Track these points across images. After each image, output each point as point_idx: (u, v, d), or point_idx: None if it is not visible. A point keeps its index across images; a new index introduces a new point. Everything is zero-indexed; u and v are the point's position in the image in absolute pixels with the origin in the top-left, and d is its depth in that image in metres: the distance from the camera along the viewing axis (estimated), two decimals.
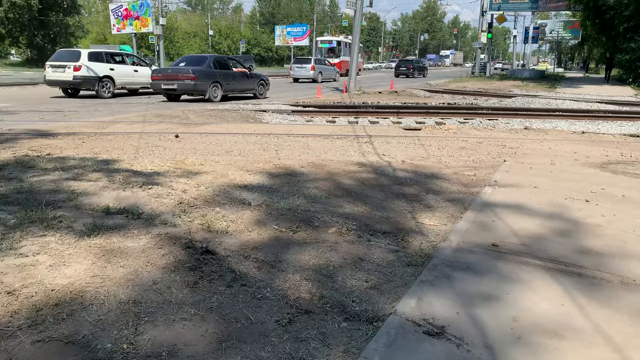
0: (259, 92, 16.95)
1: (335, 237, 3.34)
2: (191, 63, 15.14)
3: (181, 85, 14.28)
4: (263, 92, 17.15)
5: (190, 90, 14.53)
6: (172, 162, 5.58)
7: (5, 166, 5.13)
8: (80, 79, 15.45)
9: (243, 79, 16.38)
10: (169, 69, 15.37)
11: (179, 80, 14.20)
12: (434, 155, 6.73)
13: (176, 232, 3.26)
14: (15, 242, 2.89)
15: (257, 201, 4.05)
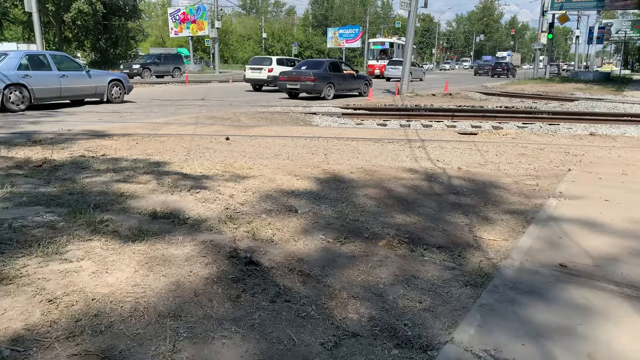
0: (363, 91, 19.19)
1: (386, 251, 3.14)
2: (311, 67, 17.75)
3: (303, 86, 16.80)
4: (367, 91, 19.11)
5: (310, 89, 16.85)
6: (221, 165, 5.54)
7: (61, 166, 5.24)
8: (271, 78, 20.36)
9: (351, 80, 18.69)
10: (294, 72, 17.96)
11: (302, 82, 16.77)
12: (491, 162, 6.38)
13: (221, 240, 3.16)
14: (61, 246, 2.87)
15: (304, 208, 3.90)
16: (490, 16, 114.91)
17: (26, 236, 2.98)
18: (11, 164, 5.32)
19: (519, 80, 34.86)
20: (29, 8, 28.05)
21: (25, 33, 50.41)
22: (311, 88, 16.70)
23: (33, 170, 5.06)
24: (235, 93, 19.77)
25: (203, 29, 48.25)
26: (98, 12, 44.98)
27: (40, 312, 2.17)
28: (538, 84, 29.75)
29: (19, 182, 4.46)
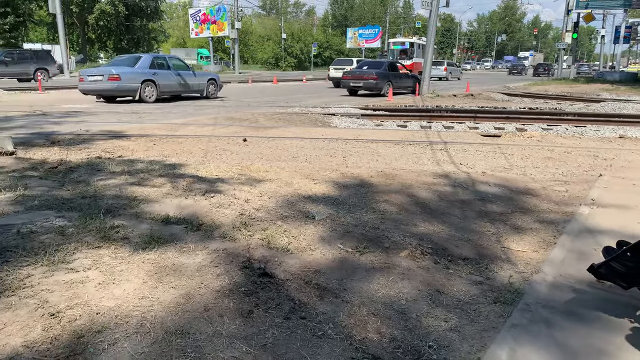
0: (413, 89, 20.46)
1: (408, 262, 2.96)
2: (372, 66, 19.63)
3: (365, 84, 18.55)
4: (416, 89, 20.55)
5: (371, 87, 18.56)
6: (237, 168, 5.42)
7: (76, 168, 5.18)
8: None
9: (405, 78, 20.55)
10: (357, 71, 19.68)
11: (364, 80, 18.60)
12: (517, 166, 6.13)
13: (234, 248, 3.02)
14: (68, 254, 2.76)
15: (321, 215, 3.74)
16: (513, 16, 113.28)
17: (33, 243, 2.88)
18: (27, 165, 5.28)
19: (542, 80, 34.17)
20: (53, 9, 28.51)
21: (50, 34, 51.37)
22: (373, 86, 18.51)
23: (48, 172, 5.00)
24: (255, 93, 19.72)
25: (223, 30, 48.46)
26: (120, 13, 45.61)
27: (42, 328, 2.05)
28: (562, 84, 29.10)
29: (33, 185, 4.39)
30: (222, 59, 63.00)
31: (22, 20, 34.53)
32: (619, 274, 2.36)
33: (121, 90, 14.19)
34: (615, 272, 2.38)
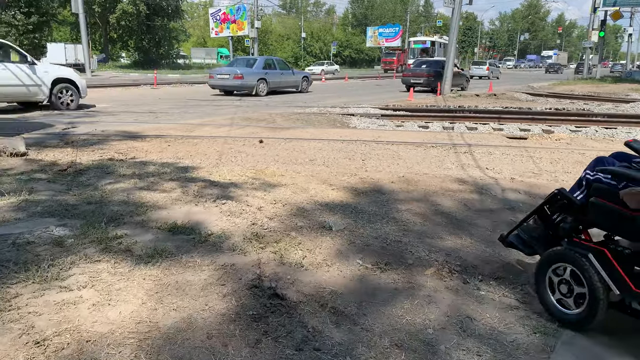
0: (464, 86, 22.54)
1: (435, 282, 2.68)
2: (430, 65, 21.74)
3: (425, 81, 20.60)
4: (467, 86, 22.85)
5: (429, 84, 20.31)
6: (251, 172, 5.19)
7: (86, 171, 5.01)
8: None
9: (458, 77, 21.83)
10: (417, 70, 21.91)
11: (424, 77, 20.76)
12: (547, 171, 5.78)
13: (243, 264, 2.77)
14: (64, 269, 2.55)
15: (339, 225, 3.48)
16: (536, 14, 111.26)
17: (28, 256, 2.68)
18: (36, 167, 5.13)
19: (568, 80, 33.32)
20: (76, 9, 28.75)
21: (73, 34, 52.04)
22: (430, 83, 20.38)
23: (57, 174, 4.83)
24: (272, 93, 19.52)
25: (243, 29, 48.46)
26: (141, 13, 45.91)
27: (24, 358, 1.83)
28: (588, 84, 28.30)
29: (39, 188, 4.22)
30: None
31: (46, 20, 34.95)
32: (522, 242, 2.65)
33: (243, 86, 17.36)
34: (520, 239, 2.67)
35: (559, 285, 2.32)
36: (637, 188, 2.01)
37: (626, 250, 2.13)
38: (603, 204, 2.17)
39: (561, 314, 2.29)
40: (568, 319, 2.25)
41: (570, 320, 2.23)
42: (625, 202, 2.04)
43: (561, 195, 2.40)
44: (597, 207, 2.19)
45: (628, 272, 2.05)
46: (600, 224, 2.26)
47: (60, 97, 11.43)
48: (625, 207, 2.04)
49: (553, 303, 2.33)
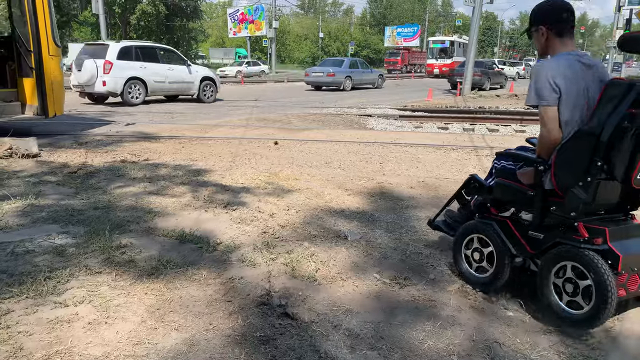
0: (503, 84, 24.53)
1: (458, 300, 2.47)
2: (477, 66, 22.59)
3: (474, 80, 20.98)
4: (505, 84, 24.73)
5: (476, 82, 21.29)
6: (265, 175, 5.02)
7: (96, 173, 4.90)
8: None
9: (499, 75, 24.63)
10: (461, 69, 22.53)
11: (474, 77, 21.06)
12: None
13: (252, 277, 2.60)
14: (61, 282, 2.40)
15: (354, 235, 3.29)
16: None
17: (25, 267, 2.54)
18: (47, 169, 5.04)
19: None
20: (96, 10, 29.03)
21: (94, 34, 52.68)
22: (477, 81, 21.54)
23: (67, 177, 4.73)
24: (290, 93, 19.39)
25: (261, 29, 48.54)
26: (161, 14, 46.23)
27: None
28: None
29: (47, 192, 4.11)
30: (259, 59, 63.23)
31: (66, 20, 35.40)
32: (447, 225, 3.01)
33: (333, 83, 20.66)
34: (445, 223, 3.04)
35: (473, 254, 2.67)
36: (528, 168, 2.42)
37: (524, 220, 2.54)
38: (504, 183, 2.58)
39: (474, 279, 2.64)
40: (481, 282, 2.61)
41: (482, 283, 2.61)
42: (520, 180, 2.46)
43: (474, 180, 2.84)
44: (500, 186, 2.61)
45: (525, 237, 2.44)
46: (504, 199, 2.66)
47: (204, 92, 14.13)
48: (521, 184, 2.45)
49: (469, 271, 2.68)
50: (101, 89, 12.06)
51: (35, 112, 7.33)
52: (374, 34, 73.22)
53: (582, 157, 2.14)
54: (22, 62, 7.49)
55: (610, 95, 2.11)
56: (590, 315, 2.10)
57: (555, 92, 2.17)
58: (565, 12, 2.29)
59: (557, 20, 2.29)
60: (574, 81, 2.18)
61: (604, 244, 2.15)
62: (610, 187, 2.22)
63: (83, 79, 11.98)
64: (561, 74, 2.17)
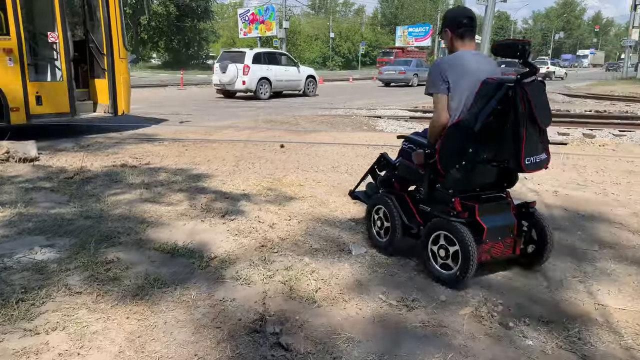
0: None
1: (472, 326, 2.23)
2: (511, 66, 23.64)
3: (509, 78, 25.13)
4: None
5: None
6: (268, 181, 4.81)
7: (93, 179, 4.72)
8: None
9: None
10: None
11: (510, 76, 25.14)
12: (593, 183, 5.23)
13: (246, 298, 2.38)
14: (36, 304, 2.20)
15: (359, 249, 3.06)
16: (572, 12, 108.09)
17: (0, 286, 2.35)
18: (43, 174, 4.87)
19: (607, 80, 32.00)
20: None
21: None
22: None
23: (62, 182, 4.56)
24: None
25: (271, 30, 48.32)
26: (171, 14, 46.32)
27: None
28: (629, 84, 27.03)
29: (39, 199, 3.94)
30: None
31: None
32: (365, 195, 3.43)
33: (404, 79, 23.84)
34: (363, 194, 3.47)
35: (377, 221, 3.10)
36: (420, 150, 2.82)
37: (418, 195, 2.96)
38: (404, 162, 3.03)
39: (378, 242, 3.10)
40: (381, 245, 3.07)
41: (381, 246, 3.06)
42: (414, 160, 2.86)
43: (383, 158, 3.35)
44: (402, 165, 3.07)
45: (417, 210, 2.90)
46: (404, 176, 3.09)
47: (308, 87, 17.53)
48: (414, 163, 2.87)
49: (374, 236, 3.14)
50: (241, 87, 15.32)
51: (106, 110, 8.06)
52: (385, 34, 72.79)
53: (459, 144, 2.52)
54: (94, 64, 8.26)
55: (483, 92, 2.47)
56: (457, 275, 2.53)
57: (446, 83, 2.57)
58: (465, 18, 2.70)
59: (458, 25, 2.70)
60: (462, 76, 2.55)
61: (472, 217, 2.58)
62: (485, 169, 2.63)
63: (226, 80, 15.23)
64: (451, 70, 2.58)
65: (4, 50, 6.59)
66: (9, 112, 6.73)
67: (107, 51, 7.81)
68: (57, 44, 7.34)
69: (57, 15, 7.19)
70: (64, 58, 7.36)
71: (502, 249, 2.67)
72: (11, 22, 6.55)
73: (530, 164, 2.44)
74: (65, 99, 7.38)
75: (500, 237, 2.64)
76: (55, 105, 7.29)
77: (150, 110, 11.86)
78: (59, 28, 7.24)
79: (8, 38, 6.57)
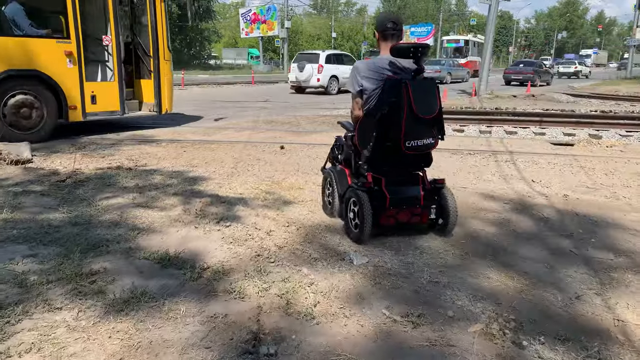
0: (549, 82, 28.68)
1: (483, 344, 2.06)
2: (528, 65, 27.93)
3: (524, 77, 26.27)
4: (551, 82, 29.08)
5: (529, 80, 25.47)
6: (267, 184, 4.65)
7: (86, 182, 4.56)
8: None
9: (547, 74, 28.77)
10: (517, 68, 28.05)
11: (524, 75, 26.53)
12: (603, 186, 5.05)
13: (239, 314, 2.22)
14: (11, 322, 2.04)
15: (361, 259, 2.88)
16: (575, 12, 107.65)
17: None
18: (34, 177, 4.71)
19: (611, 80, 31.75)
20: None
21: None
22: (530, 78, 25.83)
23: (53, 186, 4.40)
24: (301, 94, 19.02)
25: (273, 29, 48.20)
26: (173, 14, 46.15)
27: None
28: (634, 84, 26.78)
29: (27, 204, 3.78)
30: (271, 59, 62.92)
31: None
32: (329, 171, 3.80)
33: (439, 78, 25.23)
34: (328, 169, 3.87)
35: (326, 190, 3.74)
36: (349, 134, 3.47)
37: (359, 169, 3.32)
38: (342, 143, 3.71)
39: (325, 206, 3.76)
40: (327, 209, 3.72)
41: (327, 209, 3.71)
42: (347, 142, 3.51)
43: (338, 140, 3.85)
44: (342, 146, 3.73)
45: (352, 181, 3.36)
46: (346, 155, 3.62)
47: None
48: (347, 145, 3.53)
49: (324, 201, 3.78)
50: (315, 83, 18.20)
51: (151, 109, 8.62)
52: None
53: (367, 130, 3.14)
54: (139, 65, 8.80)
55: (385, 88, 3.06)
56: (360, 231, 3.08)
57: (359, 85, 3.19)
58: (389, 22, 3.19)
59: (383, 28, 3.20)
60: (373, 78, 3.14)
61: (377, 187, 3.15)
62: (390, 149, 3.07)
63: (303, 77, 18.24)
64: (364, 74, 3.17)
65: (65, 52, 7.07)
66: (67, 110, 7.20)
67: (154, 53, 8.31)
68: (110, 47, 7.86)
69: (111, 20, 7.69)
70: (116, 60, 7.82)
71: (409, 217, 3.18)
72: (71, 26, 7.04)
73: (411, 146, 2.97)
74: (116, 98, 7.84)
75: (405, 206, 3.15)
76: (108, 104, 7.78)
77: None
78: (112, 32, 7.74)
79: (69, 41, 7.06)
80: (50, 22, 7.27)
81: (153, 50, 8.32)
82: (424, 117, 2.94)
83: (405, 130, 2.91)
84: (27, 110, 6.85)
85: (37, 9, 7.16)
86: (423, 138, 3.00)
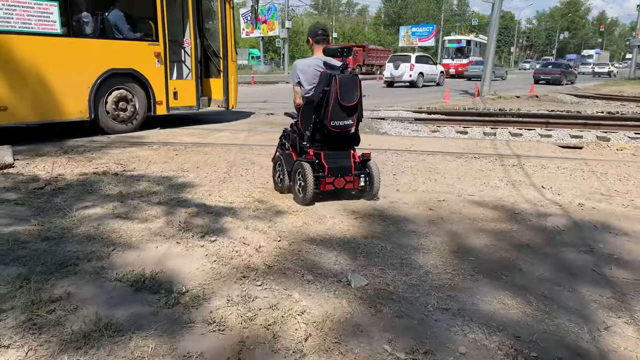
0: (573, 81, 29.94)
1: None
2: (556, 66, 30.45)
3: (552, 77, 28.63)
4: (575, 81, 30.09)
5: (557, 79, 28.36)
6: (260, 191, 4.34)
7: (66, 189, 4.26)
8: None
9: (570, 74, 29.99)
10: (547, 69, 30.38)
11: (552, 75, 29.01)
12: (617, 192, 4.73)
13: (218, 352, 1.90)
14: None
15: (360, 280, 2.57)
16: (576, 12, 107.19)
17: None
18: (11, 184, 4.41)
19: (615, 80, 31.41)
20: None
21: None
22: (557, 78, 28.22)
23: (30, 193, 4.10)
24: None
25: (274, 29, 47.88)
26: None
27: None
28: (638, 84, 26.44)
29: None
30: (272, 59, 62.56)
31: None
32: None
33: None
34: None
35: (278, 170, 4.35)
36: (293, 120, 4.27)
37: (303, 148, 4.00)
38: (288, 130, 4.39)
39: (276, 184, 4.44)
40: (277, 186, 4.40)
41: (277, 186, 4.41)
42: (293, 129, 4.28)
43: (285, 131, 4.44)
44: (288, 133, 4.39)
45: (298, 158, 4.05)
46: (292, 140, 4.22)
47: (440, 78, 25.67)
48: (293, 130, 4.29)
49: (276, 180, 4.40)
50: (407, 79, 23.45)
51: (220, 105, 9.60)
52: (388, 34, 72.25)
53: (308, 114, 3.88)
54: (209, 65, 9.75)
55: (321, 79, 3.80)
56: (303, 196, 3.81)
57: (298, 78, 3.99)
58: (319, 30, 4.08)
59: (315, 35, 4.06)
60: (308, 73, 3.94)
61: (318, 160, 3.89)
62: (326, 131, 3.84)
63: (397, 74, 23.36)
64: (301, 69, 3.97)
65: (154, 53, 8.04)
66: (155, 104, 8.20)
67: (223, 55, 9.25)
68: (189, 48, 8.84)
69: (191, 25, 8.62)
70: (194, 60, 8.84)
71: (344, 183, 3.93)
72: (160, 30, 8.01)
73: (335, 125, 3.79)
74: (193, 95, 8.82)
75: (340, 175, 3.91)
76: (186, 99, 8.73)
77: None
78: (191, 35, 8.69)
79: (157, 44, 8.04)
80: (140, 27, 8.14)
81: (223, 52, 9.22)
82: (346, 105, 3.75)
83: (331, 114, 3.72)
84: (124, 103, 7.83)
85: (130, 15, 7.93)
86: (344, 120, 3.83)
